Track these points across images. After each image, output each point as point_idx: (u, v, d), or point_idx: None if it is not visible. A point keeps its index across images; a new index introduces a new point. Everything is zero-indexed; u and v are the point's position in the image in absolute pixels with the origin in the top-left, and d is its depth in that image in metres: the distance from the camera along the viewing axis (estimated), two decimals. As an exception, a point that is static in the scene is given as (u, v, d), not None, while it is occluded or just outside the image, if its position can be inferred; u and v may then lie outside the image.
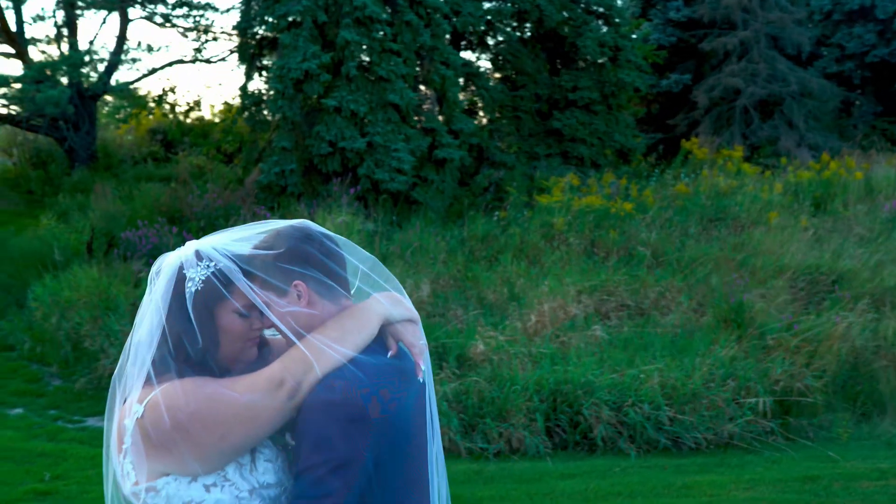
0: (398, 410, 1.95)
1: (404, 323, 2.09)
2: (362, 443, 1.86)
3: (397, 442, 1.95)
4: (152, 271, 2.05)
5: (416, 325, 2.13)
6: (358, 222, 12.15)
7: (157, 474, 1.88)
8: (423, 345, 2.10)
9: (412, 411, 2.02)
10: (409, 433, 1.99)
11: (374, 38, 15.09)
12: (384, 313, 2.06)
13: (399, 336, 2.07)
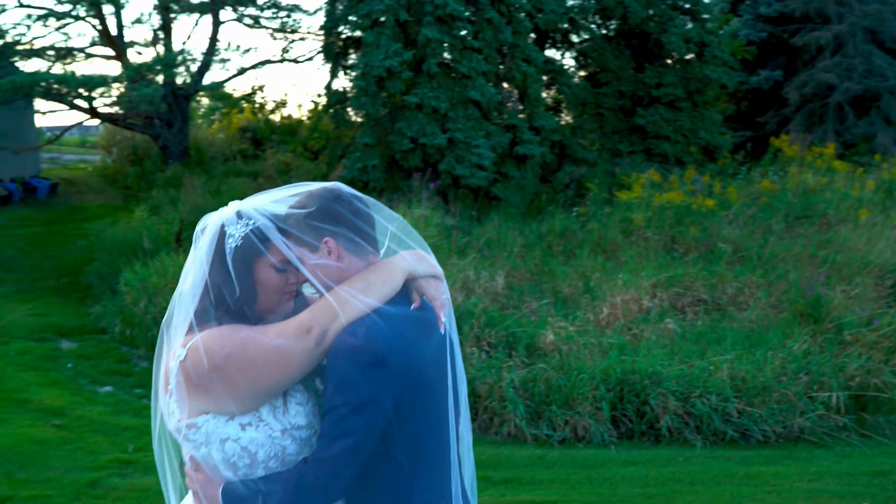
0: (418, 359, 2.06)
1: (427, 278, 2.20)
2: (381, 386, 1.98)
3: (416, 389, 2.05)
4: (197, 229, 2.21)
5: (440, 280, 2.23)
6: (437, 216, 12.29)
7: (197, 412, 2.04)
8: (446, 299, 2.20)
9: (432, 361, 2.12)
10: (428, 381, 2.10)
11: (456, 36, 15.25)
12: (408, 268, 2.17)
13: (422, 290, 2.18)
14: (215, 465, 2.07)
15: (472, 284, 9.59)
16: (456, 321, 6.65)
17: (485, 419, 7.01)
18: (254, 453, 2.04)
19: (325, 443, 1.99)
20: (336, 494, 2.01)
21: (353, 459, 1.98)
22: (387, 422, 2.01)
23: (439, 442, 2.16)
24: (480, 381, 7.08)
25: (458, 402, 2.27)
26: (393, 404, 2.01)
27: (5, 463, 5.96)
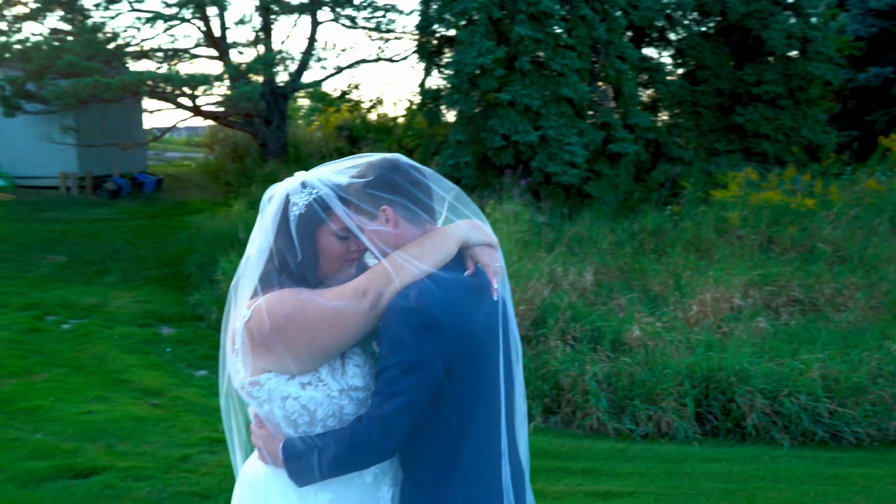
0: (469, 323, 2.10)
1: (482, 246, 2.25)
2: (433, 348, 2.04)
3: (467, 352, 2.10)
4: (264, 198, 2.31)
5: (494, 249, 2.27)
6: (527, 213, 12.28)
7: (260, 370, 2.14)
8: (499, 267, 2.24)
9: (484, 326, 2.16)
10: (479, 345, 2.14)
11: (549, 33, 15.20)
12: (462, 236, 2.23)
13: (476, 258, 2.22)
14: (277, 422, 2.16)
15: (560, 280, 9.57)
16: (540, 314, 6.66)
17: (567, 412, 6.99)
18: (313, 411, 2.13)
19: (378, 401, 2.06)
20: (388, 452, 2.08)
21: (404, 418, 2.04)
22: (438, 383, 2.06)
23: (489, 406, 2.19)
24: (563, 374, 7.07)
25: (511, 369, 2.30)
26: (444, 366, 2.06)
27: (106, 436, 6.27)
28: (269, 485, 2.21)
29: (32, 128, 18.21)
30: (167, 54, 19.80)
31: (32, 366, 8.09)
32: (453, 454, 2.14)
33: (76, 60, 15.24)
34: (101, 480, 5.33)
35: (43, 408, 6.86)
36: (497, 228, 10.37)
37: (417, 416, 2.07)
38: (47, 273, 12.56)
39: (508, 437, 2.27)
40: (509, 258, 9.25)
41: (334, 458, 2.07)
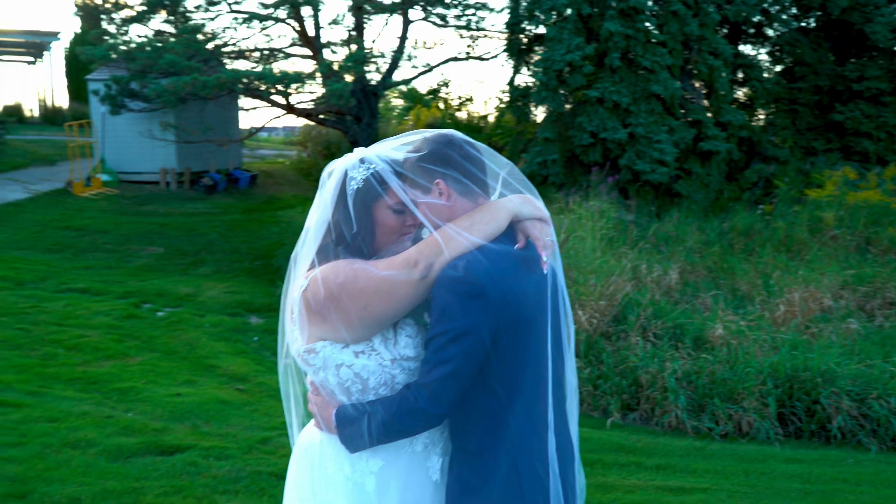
0: (517, 293, 2.13)
1: (533, 220, 2.27)
2: (479, 316, 2.07)
3: (515, 322, 2.13)
4: (324, 173, 2.39)
5: (546, 223, 2.29)
6: (613, 210, 12.17)
7: (315, 339, 2.22)
8: (550, 241, 2.26)
9: (533, 298, 2.19)
10: (527, 317, 2.16)
11: (639, 29, 15.03)
12: (513, 209, 2.26)
13: (527, 231, 2.25)
14: (332, 389, 2.24)
15: (644, 277, 9.46)
16: (622, 310, 6.61)
17: (646, 409, 6.92)
18: (365, 379, 2.19)
19: (426, 369, 2.11)
20: (435, 418, 2.13)
21: (450, 385, 2.09)
22: (484, 352, 2.10)
23: (536, 377, 2.21)
24: (643, 370, 7.00)
25: (561, 343, 2.32)
26: (490, 335, 2.09)
27: (192, 417, 6.51)
28: (324, 450, 2.29)
29: (135, 125, 18.99)
30: (263, 54, 20.33)
31: (128, 350, 8.44)
32: (499, 423, 2.17)
33: (176, 59, 15.82)
34: (185, 458, 5.53)
35: (135, 389, 7.16)
36: (581, 225, 10.32)
37: (464, 383, 2.11)
38: (145, 263, 13.07)
39: (558, 411, 2.28)
40: (592, 254, 9.20)
41: (382, 423, 2.13)
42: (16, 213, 16.10)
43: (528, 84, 17.19)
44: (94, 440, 5.74)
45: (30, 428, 5.96)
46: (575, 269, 8.57)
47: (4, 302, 9.92)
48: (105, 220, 16.05)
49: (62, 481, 4.99)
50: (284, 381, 2.51)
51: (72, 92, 32.13)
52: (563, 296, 2.34)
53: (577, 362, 7.35)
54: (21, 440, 5.70)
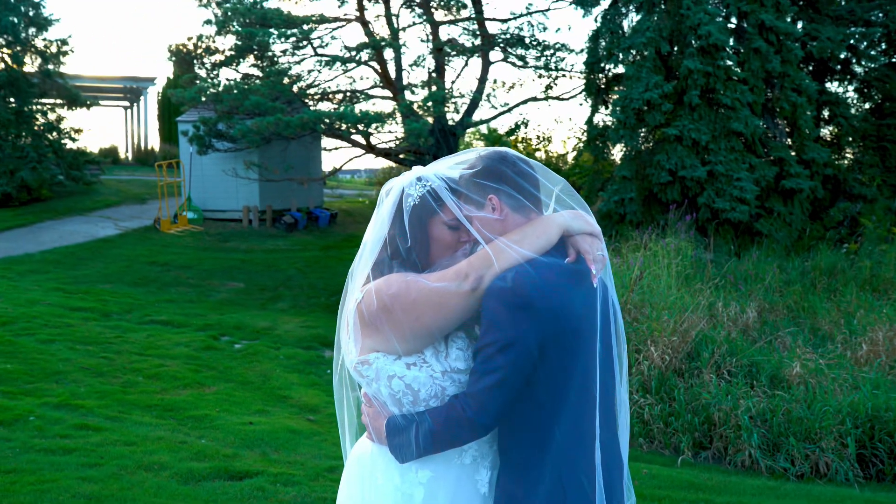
0: (564, 306, 2.14)
1: (583, 235, 2.29)
2: (527, 327, 2.09)
3: (563, 334, 2.14)
4: (382, 191, 2.46)
5: (596, 238, 2.31)
6: (690, 248, 11.99)
7: (369, 350, 2.27)
8: (601, 255, 2.27)
9: (581, 311, 2.19)
10: (576, 330, 2.17)
11: (719, 66, 14.87)
12: (564, 224, 2.28)
13: (577, 245, 2.27)
14: (384, 401, 2.28)
15: (720, 315, 9.26)
16: (695, 347, 6.48)
17: (718, 447, 6.75)
18: (416, 391, 2.23)
19: (474, 379, 2.14)
20: (482, 428, 2.14)
21: (497, 395, 2.10)
22: (531, 363, 2.11)
23: (584, 390, 2.20)
24: (715, 407, 6.84)
25: (611, 357, 2.31)
26: (538, 346, 2.11)
27: (263, 445, 6.62)
28: (374, 461, 2.33)
29: (221, 165, 19.63)
30: (346, 95, 20.83)
31: (205, 379, 8.67)
32: (545, 435, 2.17)
33: (261, 101, 16.34)
34: (253, 483, 5.63)
35: (209, 416, 7.33)
36: (657, 262, 10.20)
37: (511, 394, 2.12)
38: (226, 297, 13.42)
39: (607, 426, 2.27)
40: (667, 291, 9.07)
41: (430, 433, 2.15)
42: (106, 248, 16.76)
43: (606, 123, 17.15)
44: (167, 464, 5.89)
45: (108, 450, 6.16)
46: (648, 304, 8.47)
47: (91, 332, 10.31)
48: (189, 256, 16.57)
49: (134, 500, 5.14)
50: (339, 394, 2.57)
51: (164, 134, 33.42)
52: (614, 311, 2.34)
53: (649, 398, 7.23)
54: (99, 461, 5.90)
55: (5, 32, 21.77)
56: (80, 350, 9.43)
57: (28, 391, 7.73)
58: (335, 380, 2.55)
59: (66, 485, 5.31)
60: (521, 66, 21.11)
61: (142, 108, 34.59)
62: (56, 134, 22.58)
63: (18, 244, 16.69)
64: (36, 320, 10.56)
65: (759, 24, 15.17)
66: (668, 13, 15.54)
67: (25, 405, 7.21)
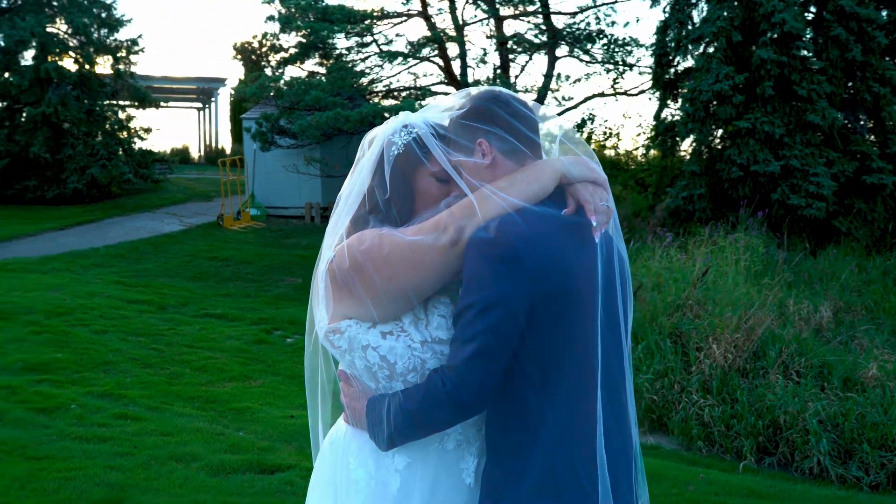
0: (558, 261, 1.79)
1: (585, 183, 1.94)
2: (511, 285, 1.75)
3: (555, 296, 1.78)
4: (364, 141, 2.17)
5: (600, 187, 1.96)
6: (761, 245, 11.41)
7: (340, 317, 1.98)
8: (604, 206, 1.91)
9: (580, 271, 1.83)
10: (570, 290, 1.80)
11: (795, 56, 14.19)
12: (561, 170, 1.93)
13: (577, 194, 1.92)
14: (358, 374, 1.99)
15: (792, 314, 8.72)
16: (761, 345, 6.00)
17: (784, 453, 6.27)
18: (392, 363, 1.93)
19: (454, 349, 1.81)
20: (464, 407, 1.80)
21: (479, 366, 1.77)
22: (518, 327, 1.77)
23: (583, 365, 1.84)
24: (781, 410, 6.36)
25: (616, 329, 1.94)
26: (525, 308, 1.77)
27: (300, 439, 6.41)
28: (348, 445, 2.06)
29: (283, 161, 19.66)
30: (410, 92, 20.66)
31: (251, 372, 8.52)
32: (535, 417, 1.83)
33: (321, 95, 16.26)
34: (283, 477, 5.41)
35: (251, 409, 7.16)
36: (724, 257, 9.72)
37: (496, 365, 1.79)
38: (283, 293, 13.33)
39: (612, 409, 1.90)
40: (734, 285, 8.58)
41: (406, 412, 1.83)
42: (169, 243, 16.91)
43: (675, 117, 16.59)
44: (199, 455, 5.72)
45: (142, 440, 6.02)
46: (711, 301, 8.00)
47: (144, 324, 10.29)
48: (249, 252, 16.59)
49: (157, 491, 4.96)
50: (312, 370, 2.26)
51: (234, 134, 33.89)
52: (621, 272, 1.97)
53: (709, 399, 6.78)
54: (132, 451, 5.76)
55: (78, 34, 22.28)
56: (131, 341, 9.39)
57: (75, 380, 7.69)
58: (307, 353, 2.25)
59: (93, 473, 5.18)
60: (590, 61, 20.66)
61: (213, 109, 35.13)
62: (126, 133, 23.03)
63: (85, 239, 16.96)
64: (92, 312, 10.60)
65: (839, 10, 14.43)
66: (739, 2, 14.92)
67: (70, 394, 7.15)
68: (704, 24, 14.92)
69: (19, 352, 8.45)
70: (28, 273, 13.18)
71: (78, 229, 18.21)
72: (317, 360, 2.23)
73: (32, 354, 8.37)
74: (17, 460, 5.42)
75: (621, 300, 1.96)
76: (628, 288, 2.02)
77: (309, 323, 2.18)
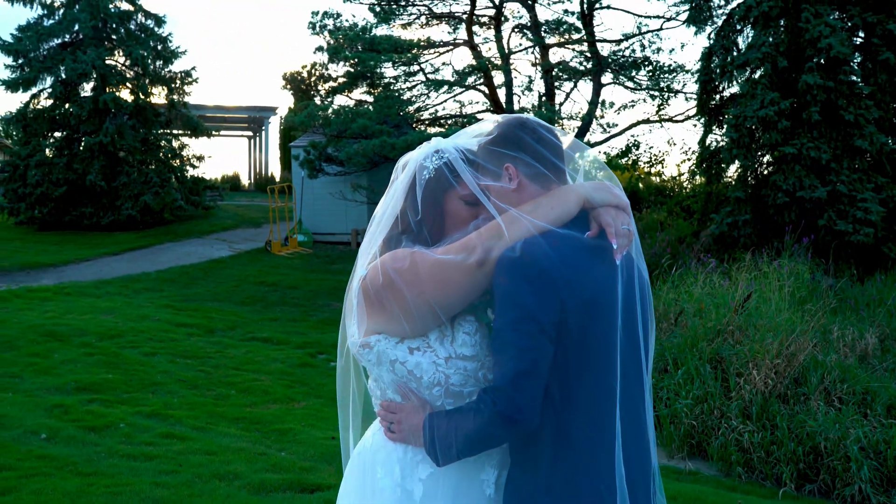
0: (581, 279, 1.89)
1: (607, 207, 2.04)
2: (539, 300, 1.86)
3: (578, 314, 1.88)
4: (398, 165, 2.29)
5: (622, 211, 2.05)
6: (807, 272, 11.30)
7: (371, 332, 2.10)
8: (626, 230, 2.01)
9: (601, 291, 1.92)
10: (593, 306, 1.90)
11: (842, 81, 14.08)
12: (584, 194, 2.04)
13: (599, 219, 2.02)
14: (385, 386, 2.10)
15: (836, 341, 8.62)
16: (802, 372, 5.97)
17: (825, 480, 6.21)
18: (419, 378, 2.04)
19: (498, 368, 1.90)
20: (520, 424, 1.88)
21: (524, 383, 1.86)
22: (551, 340, 1.87)
23: (603, 385, 1.93)
24: (822, 436, 6.31)
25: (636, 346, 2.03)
26: (555, 322, 1.87)
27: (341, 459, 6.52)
28: (375, 455, 2.16)
29: (330, 188, 19.99)
30: (455, 120, 20.90)
31: (295, 395, 8.67)
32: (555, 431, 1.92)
33: (368, 123, 16.55)
34: (324, 496, 5.52)
35: (293, 430, 7.29)
36: (767, 283, 9.65)
37: (541, 379, 1.88)
38: (328, 317, 13.52)
39: (630, 423, 1.99)
40: (777, 311, 8.51)
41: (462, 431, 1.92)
42: (218, 268, 17.26)
43: (720, 143, 16.53)
44: (241, 474, 5.86)
45: (187, 458, 6.18)
46: (752, 326, 7.96)
47: (193, 346, 10.54)
48: (296, 277, 16.86)
49: (200, 508, 5.10)
50: (343, 384, 2.38)
51: (283, 162, 34.49)
52: (641, 292, 2.06)
53: (749, 425, 6.75)
54: (177, 469, 5.92)
55: (135, 65, 22.98)
56: (179, 363, 9.63)
57: (124, 400, 7.92)
58: (339, 366, 2.37)
59: (139, 489, 5.34)
60: (635, 88, 20.70)
61: (263, 137, 35.79)
62: (178, 161, 23.62)
63: (137, 264, 17.40)
64: (143, 334, 10.89)
65: (887, 35, 14.31)
66: (785, 28, 14.88)
67: (119, 413, 7.36)
68: (749, 49, 14.89)
69: (73, 373, 8.73)
70: (83, 297, 13.58)
71: (131, 255, 18.68)
72: (349, 375, 2.35)
73: (85, 375, 8.65)
74: (68, 476, 5.61)
75: (641, 323, 2.05)
76: (649, 311, 2.11)
77: (341, 338, 2.30)
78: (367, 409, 2.33)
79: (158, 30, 23.69)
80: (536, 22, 20.37)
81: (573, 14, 21.07)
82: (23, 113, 22.69)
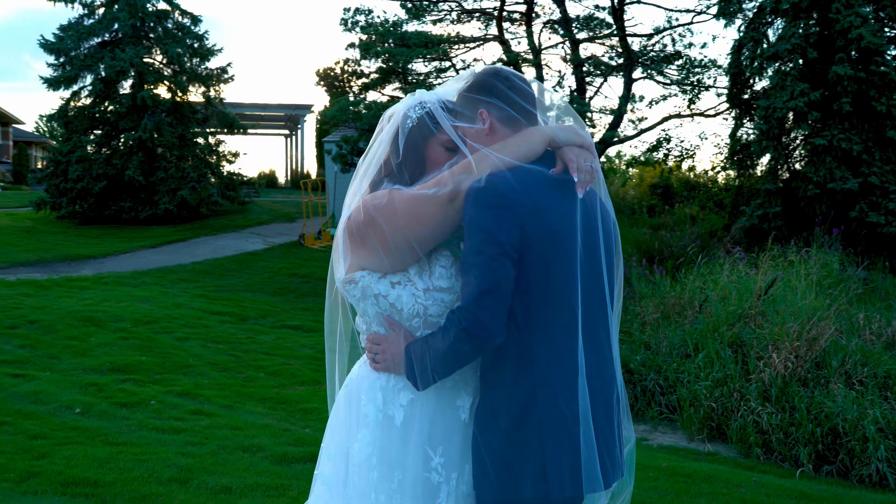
0: (542, 210, 2.04)
1: (571, 146, 2.18)
2: (503, 225, 2.01)
3: (539, 241, 2.03)
4: (384, 116, 2.43)
5: (586, 150, 2.19)
6: (835, 261, 11.25)
7: (356, 268, 2.25)
8: (588, 167, 2.14)
9: (563, 222, 2.07)
10: (554, 233, 2.06)
11: (874, 72, 13.97)
12: (550, 134, 2.19)
13: (563, 156, 2.16)
14: (370, 319, 2.25)
15: (862, 329, 8.59)
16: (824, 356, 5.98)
17: (843, 461, 6.24)
18: (400, 310, 2.20)
19: (465, 289, 2.05)
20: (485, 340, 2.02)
21: (487, 301, 2.00)
22: (513, 263, 2.02)
23: (565, 310, 2.08)
24: (840, 417, 6.33)
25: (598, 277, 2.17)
26: (517, 245, 2.02)
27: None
28: (359, 384, 2.31)
29: (363, 183, 20.16)
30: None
31: (323, 378, 8.77)
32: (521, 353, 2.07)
33: (398, 118, 16.69)
34: (344, 467, 5.67)
35: (318, 409, 7.47)
36: (794, 272, 9.64)
37: (503, 298, 2.02)
38: (355, 305, 13.70)
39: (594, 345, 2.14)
40: (802, 297, 8.51)
41: (436, 351, 2.07)
42: (252, 261, 17.55)
43: (750, 135, 16.46)
44: (265, 446, 6.03)
45: (214, 433, 6.38)
46: (774, 311, 7.98)
47: (225, 333, 10.78)
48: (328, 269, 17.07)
49: (222, 474, 5.28)
50: (331, 322, 2.53)
51: (319, 160, 34.84)
52: (606, 230, 2.21)
53: (768, 407, 6.79)
54: (203, 441, 6.12)
55: (172, 63, 23.40)
56: (211, 348, 9.87)
57: (157, 380, 8.15)
58: (327, 304, 2.52)
59: (165, 457, 5.54)
60: (666, 83, 20.65)
61: (300, 134, 36.20)
62: (215, 157, 24.00)
63: (174, 256, 17.76)
64: (176, 321, 11.15)
65: (920, 26, 14.20)
66: (816, 19, 14.79)
67: (150, 391, 7.59)
68: (779, 41, 14.82)
69: (108, 355, 9.00)
70: (120, 286, 13.91)
71: (168, 247, 19.06)
72: (336, 314, 2.50)
73: (119, 357, 8.91)
74: (98, 445, 5.84)
75: (606, 255, 2.19)
76: (614, 246, 2.24)
77: (330, 279, 2.44)
78: (353, 352, 2.47)
79: (195, 28, 24.14)
80: (567, 17, 20.39)
81: (604, 9, 21.10)
82: (64, 110, 23.24)
